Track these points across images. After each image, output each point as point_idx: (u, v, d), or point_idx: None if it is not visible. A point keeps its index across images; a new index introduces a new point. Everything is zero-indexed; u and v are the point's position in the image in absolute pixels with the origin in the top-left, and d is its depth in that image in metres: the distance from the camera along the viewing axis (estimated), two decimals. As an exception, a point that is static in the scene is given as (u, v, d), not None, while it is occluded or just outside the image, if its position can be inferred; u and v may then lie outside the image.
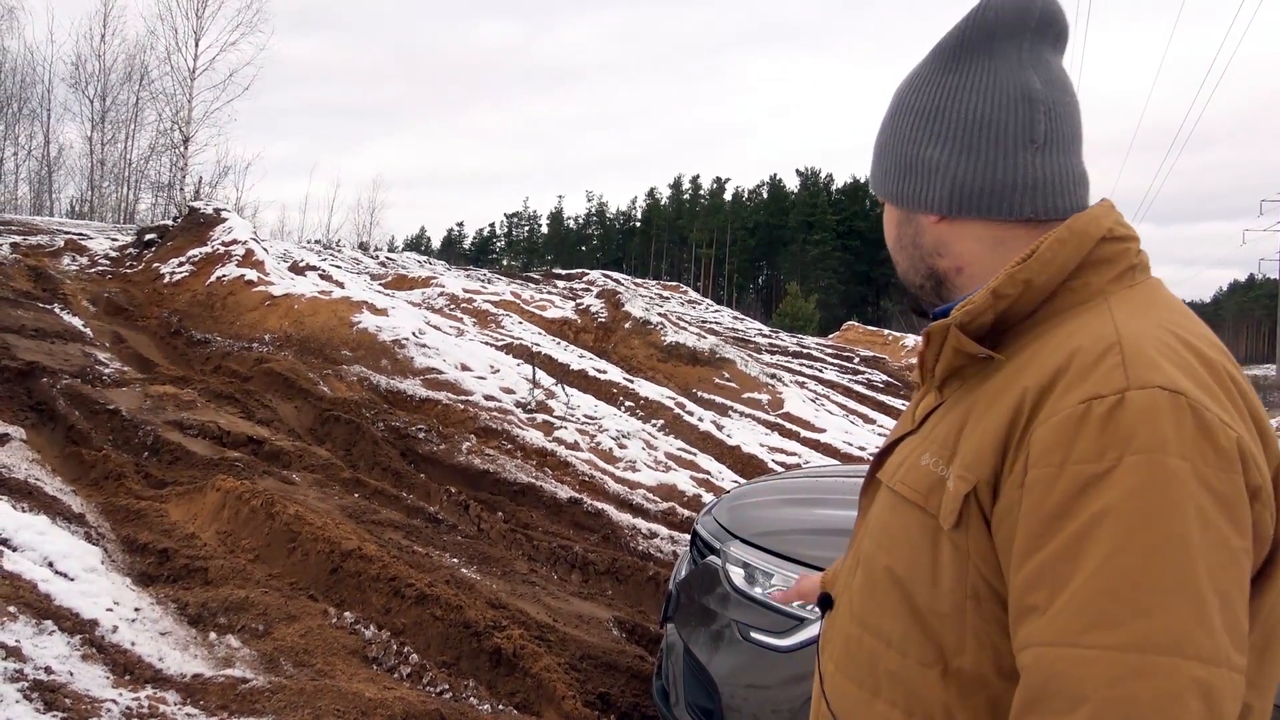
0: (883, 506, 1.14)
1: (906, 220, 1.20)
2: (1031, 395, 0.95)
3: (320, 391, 8.94)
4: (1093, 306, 1.01)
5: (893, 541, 1.09)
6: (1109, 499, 0.87)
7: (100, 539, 4.98)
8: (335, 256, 24.84)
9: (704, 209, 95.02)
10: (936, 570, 1.01)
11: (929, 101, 1.14)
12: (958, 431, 1.03)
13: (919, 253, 1.19)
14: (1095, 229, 1.04)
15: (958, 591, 1.00)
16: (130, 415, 7.25)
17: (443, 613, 4.44)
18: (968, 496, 0.98)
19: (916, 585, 1.04)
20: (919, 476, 1.06)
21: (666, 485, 8.12)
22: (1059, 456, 0.90)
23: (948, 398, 1.10)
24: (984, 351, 1.03)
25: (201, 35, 28.79)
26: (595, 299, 17.42)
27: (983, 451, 0.98)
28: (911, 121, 1.15)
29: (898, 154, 1.17)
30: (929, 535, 1.03)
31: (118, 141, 33.03)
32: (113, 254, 14.83)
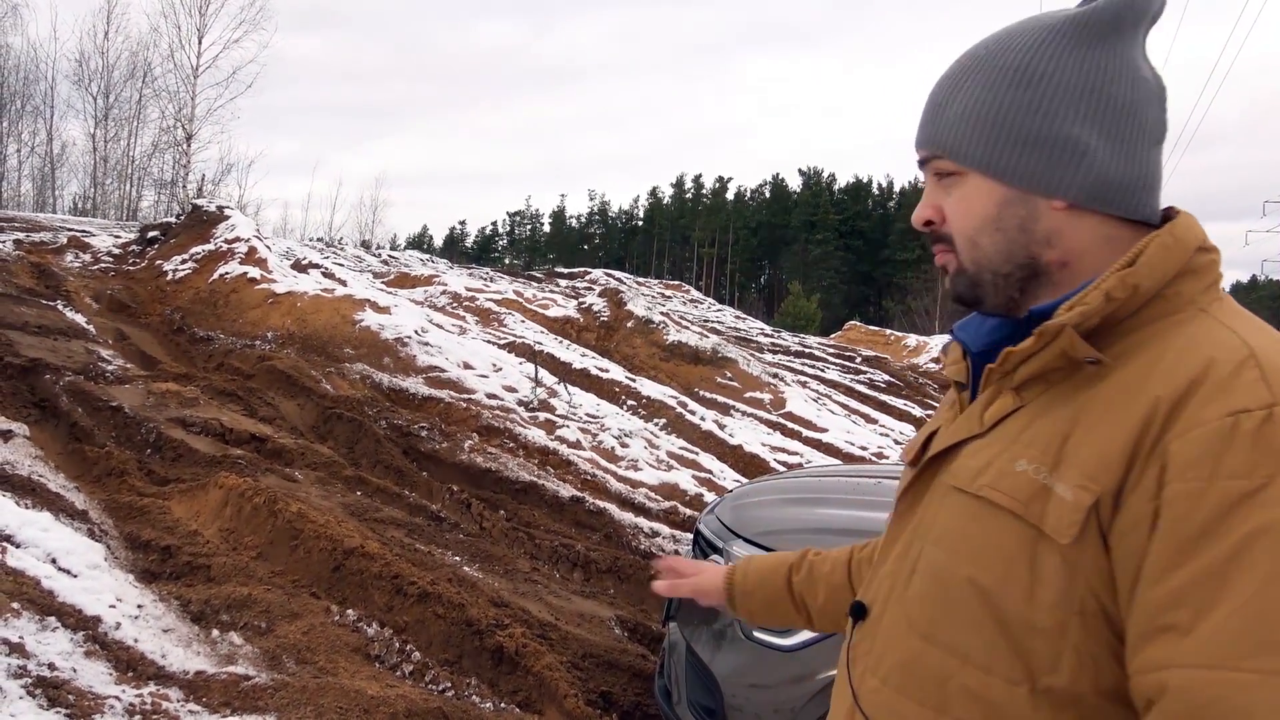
0: (957, 512, 1.05)
1: (1019, 200, 1.07)
2: (1165, 405, 0.91)
3: (323, 389, 8.94)
4: (1195, 317, 0.99)
5: (977, 551, 1.01)
6: (1265, 517, 0.83)
7: (103, 536, 4.99)
8: (338, 254, 24.85)
9: (706, 208, 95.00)
10: (1035, 583, 0.95)
11: (1078, 76, 1.04)
12: (1062, 438, 0.97)
13: (1024, 239, 1.07)
14: (1193, 238, 1.02)
15: (1062, 607, 0.94)
16: (133, 412, 7.25)
17: (445, 611, 4.45)
18: (1090, 509, 0.93)
19: (1008, 599, 0.97)
20: (1016, 483, 0.99)
21: (668, 484, 8.13)
22: (1206, 471, 0.86)
23: (1029, 401, 1.04)
24: (1096, 355, 0.98)
25: (205, 33, 28.85)
26: (597, 298, 17.43)
27: (1108, 461, 0.93)
28: (1052, 94, 1.04)
29: (1025, 126, 1.05)
30: (1026, 545, 0.97)
31: (121, 139, 33.09)
32: (116, 251, 14.84)
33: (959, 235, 1.11)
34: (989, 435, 1.07)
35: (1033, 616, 0.95)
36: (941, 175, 1.12)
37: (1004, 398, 1.07)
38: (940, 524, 1.08)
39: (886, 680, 1.10)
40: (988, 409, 1.09)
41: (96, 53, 32.10)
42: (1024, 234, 1.07)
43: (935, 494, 1.11)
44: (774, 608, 1.56)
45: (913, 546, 1.11)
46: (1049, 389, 1.02)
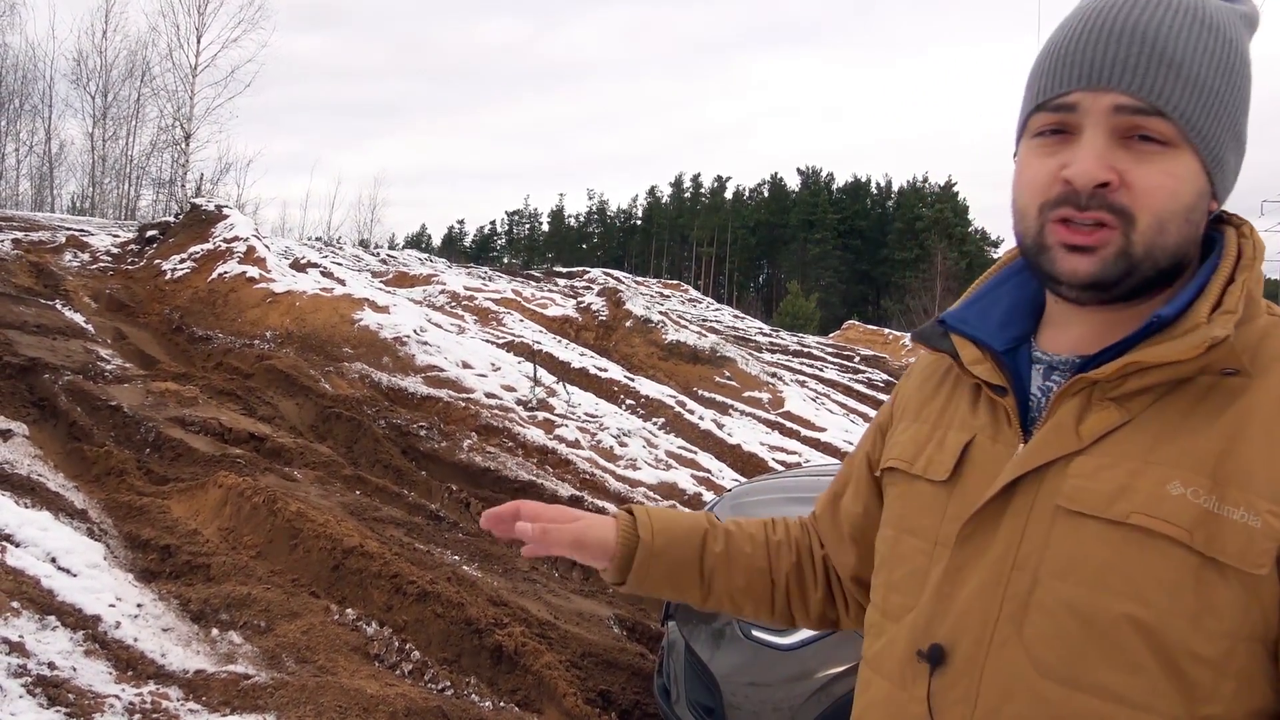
0: (1093, 542, 0.92)
1: (1207, 196, 0.96)
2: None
3: (322, 389, 8.95)
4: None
5: (1133, 585, 0.90)
6: None
7: (102, 535, 4.99)
8: (336, 254, 24.84)
9: (705, 207, 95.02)
10: (1203, 612, 0.87)
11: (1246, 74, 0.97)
12: (1215, 457, 0.88)
13: (1195, 236, 0.97)
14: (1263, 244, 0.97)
15: (1231, 635, 0.87)
16: (132, 412, 7.26)
17: (444, 610, 4.46)
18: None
19: (1172, 629, 0.88)
20: (1176, 509, 0.88)
21: (667, 484, 8.14)
22: None
23: (1136, 414, 0.94)
24: (1241, 365, 0.90)
25: (203, 32, 28.84)
26: (596, 297, 17.44)
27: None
28: (1247, 92, 0.97)
29: (1239, 122, 0.97)
30: (1190, 573, 0.87)
31: (119, 138, 33.07)
32: (114, 250, 14.83)
33: (1148, 213, 0.93)
34: (1091, 452, 0.95)
35: (1198, 647, 0.87)
36: (1140, 137, 0.93)
37: (1103, 410, 0.95)
38: (1064, 554, 0.94)
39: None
40: (1081, 422, 0.96)
41: (95, 52, 32.10)
42: (1197, 231, 0.97)
43: (1037, 518, 0.96)
44: (675, 578, 1.31)
45: (1013, 579, 0.96)
46: (1156, 400, 0.93)
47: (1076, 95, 0.94)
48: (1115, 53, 0.92)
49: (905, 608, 1.06)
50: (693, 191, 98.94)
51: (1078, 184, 0.92)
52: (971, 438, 1.05)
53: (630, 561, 1.29)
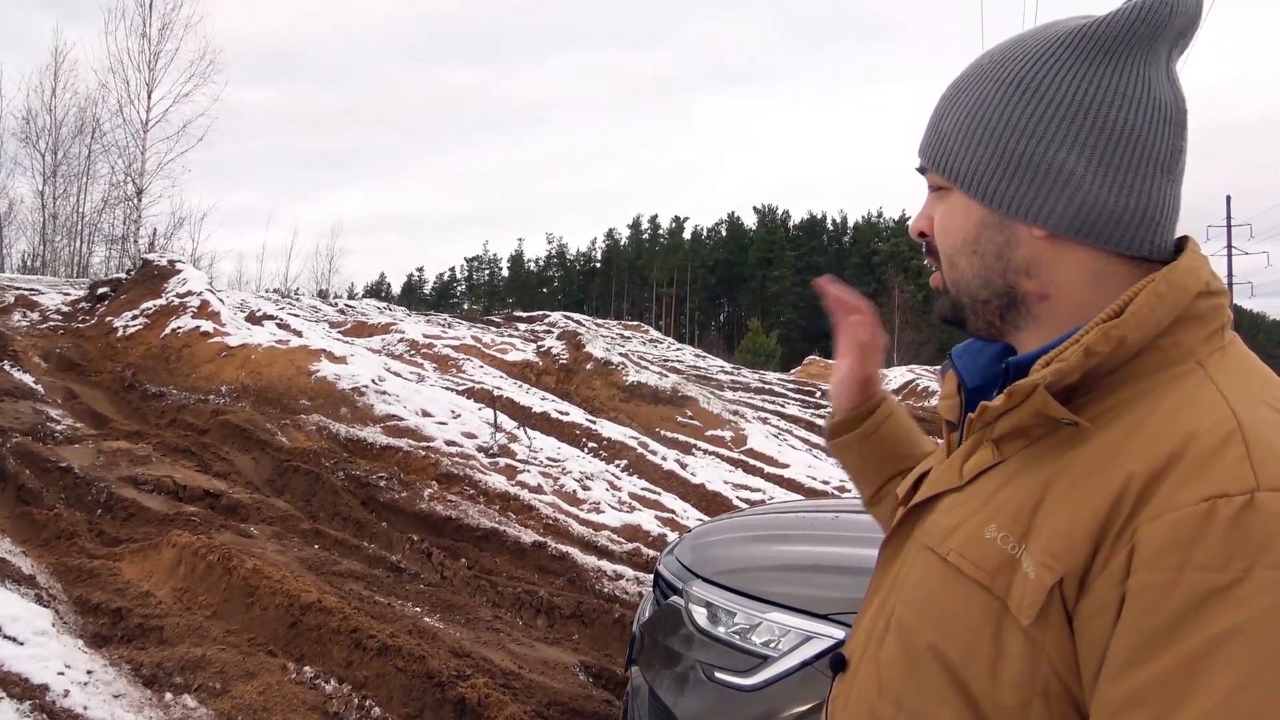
0: (927, 574, 0.98)
1: (997, 225, 0.98)
2: (1138, 482, 0.83)
3: (278, 442, 8.83)
4: (1189, 374, 0.89)
5: (943, 619, 0.94)
6: (1238, 617, 0.75)
7: (51, 601, 4.86)
8: (293, 305, 24.65)
9: (663, 248, 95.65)
10: (999, 660, 0.88)
11: (1070, 94, 0.94)
12: (1033, 506, 0.90)
13: (1001, 266, 0.99)
14: (1194, 283, 0.92)
15: (1025, 687, 0.87)
16: (83, 472, 7.12)
17: (405, 664, 4.37)
18: (1052, 589, 0.85)
19: (973, 673, 0.90)
20: (983, 551, 0.91)
21: (631, 526, 8.09)
22: (1176, 561, 0.78)
23: (1008, 456, 0.96)
24: (1070, 418, 0.89)
25: (154, 87, 28.60)
26: (556, 341, 17.42)
27: (1074, 539, 0.85)
28: (1041, 112, 0.95)
29: (1013, 147, 0.96)
30: (992, 619, 0.89)
31: (70, 195, 32.67)
32: (65, 309, 14.62)
33: (941, 252, 1.03)
34: (966, 490, 0.99)
35: (997, 694, 0.88)
36: (933, 188, 1.05)
37: (984, 450, 0.99)
38: (911, 583, 1.00)
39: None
40: (968, 460, 1.00)
41: (44, 110, 31.75)
42: (1000, 261, 0.99)
43: (911, 548, 1.04)
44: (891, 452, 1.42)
45: (888, 601, 1.04)
46: (1030, 444, 0.94)
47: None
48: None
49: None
50: (651, 232, 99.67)
51: (912, 237, 1.10)
52: (929, 469, 1.11)
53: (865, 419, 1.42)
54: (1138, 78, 0.94)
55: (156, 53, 28.50)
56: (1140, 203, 0.94)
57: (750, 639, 3.10)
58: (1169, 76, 0.96)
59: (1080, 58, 0.94)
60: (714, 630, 3.22)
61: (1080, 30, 0.95)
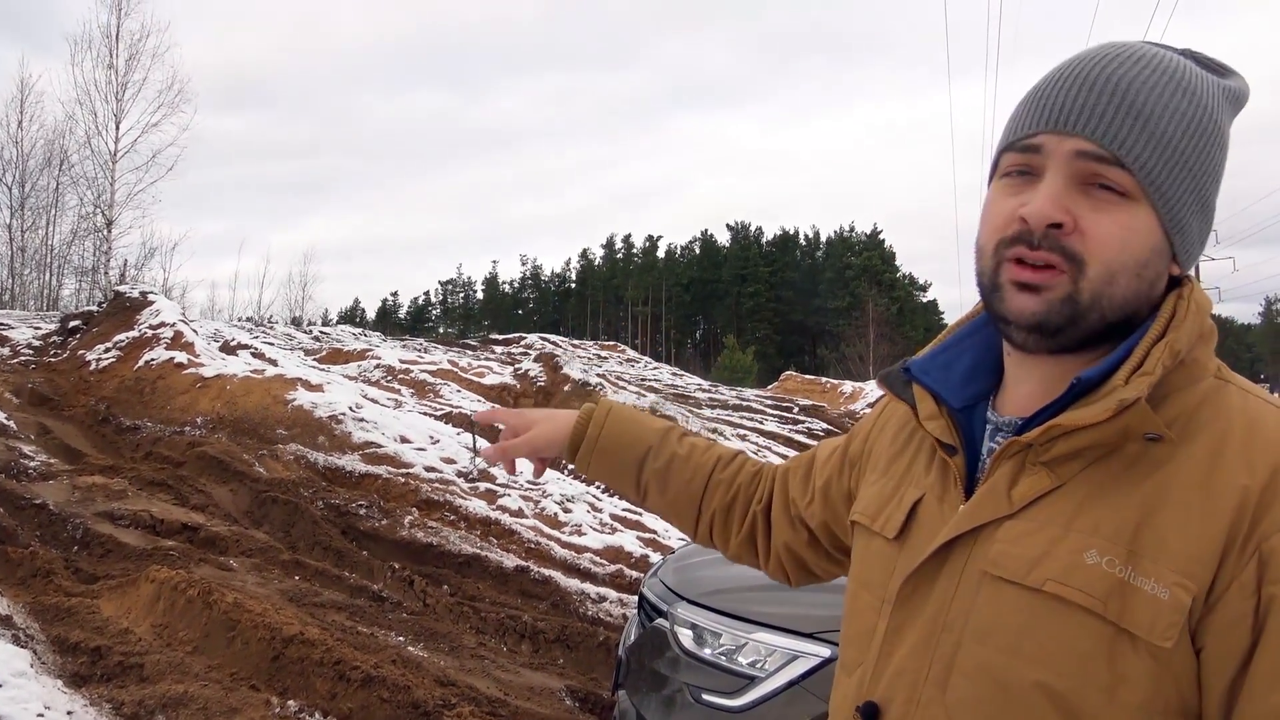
0: (1012, 607, 0.92)
1: (1163, 255, 0.95)
2: (1255, 495, 0.84)
3: (256, 473, 8.77)
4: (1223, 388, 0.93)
5: (1046, 652, 0.89)
6: None
7: (29, 641, 4.80)
8: (268, 334, 24.52)
9: (638, 267, 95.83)
10: (1117, 683, 0.86)
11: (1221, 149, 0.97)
12: (1133, 527, 0.88)
13: (1148, 294, 0.95)
14: (1208, 304, 0.95)
15: (1146, 707, 0.86)
16: (58, 509, 7.04)
17: (390, 694, 4.35)
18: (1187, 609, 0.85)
19: (1087, 700, 0.87)
20: (1090, 578, 0.88)
21: (613, 547, 8.07)
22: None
23: (1066, 479, 0.93)
24: (1164, 431, 0.88)
25: (122, 118, 28.42)
26: (533, 363, 17.42)
27: (1201, 556, 0.84)
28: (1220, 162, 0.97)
29: (1206, 192, 0.96)
30: (1104, 644, 0.87)
31: (39, 228, 32.37)
32: (36, 343, 14.48)
33: (1098, 262, 0.92)
34: (1021, 516, 0.95)
35: (1110, 717, 0.87)
36: (1101, 185, 0.93)
37: (1034, 475, 0.95)
38: (985, 618, 0.94)
39: None
40: (1014, 486, 0.96)
41: (10, 143, 31.50)
42: (1151, 290, 0.96)
43: (966, 581, 0.97)
44: (613, 476, 1.50)
45: (942, 641, 0.97)
46: (1087, 466, 0.93)
47: (1042, 137, 0.94)
48: (1084, 99, 0.93)
49: (856, 662, 1.07)
50: (625, 252, 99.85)
51: (1031, 223, 0.92)
52: (921, 496, 1.06)
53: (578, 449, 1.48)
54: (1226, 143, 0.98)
55: (124, 83, 28.37)
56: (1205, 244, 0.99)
57: (736, 659, 3.10)
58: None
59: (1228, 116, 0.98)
60: (700, 652, 3.22)
61: (1229, 89, 0.98)
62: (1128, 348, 0.92)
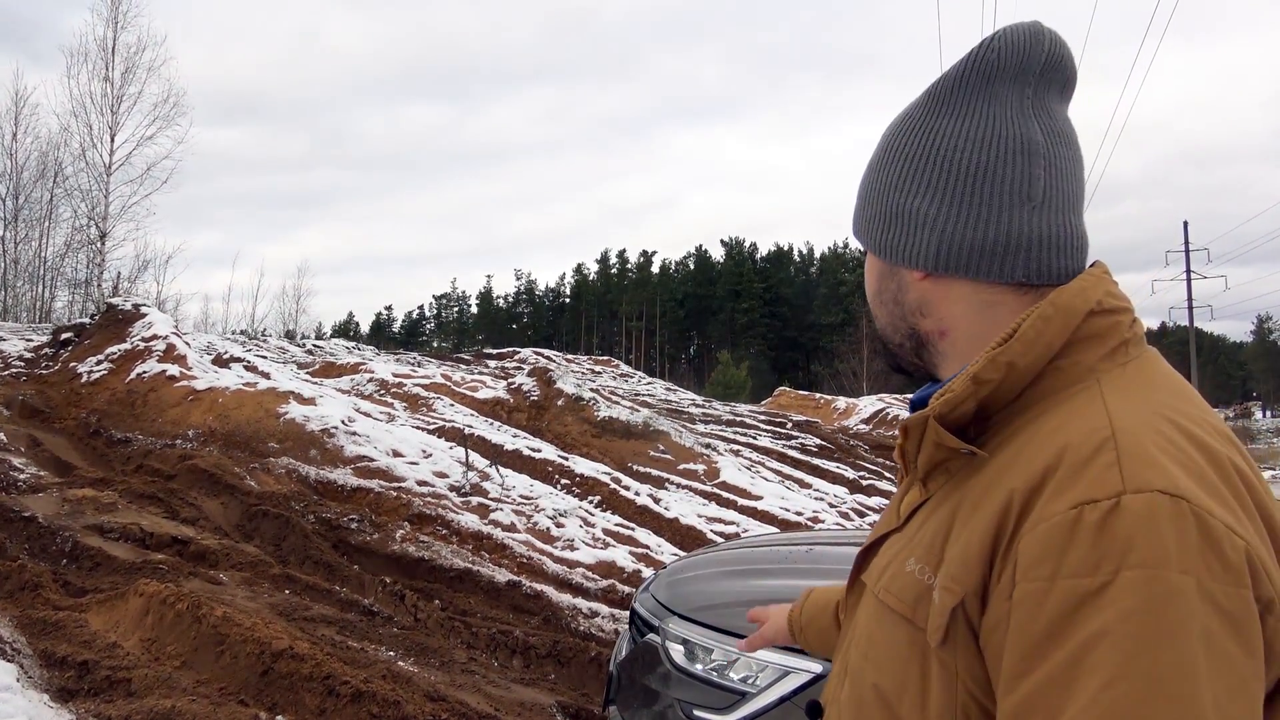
0: (869, 615, 1.02)
1: (889, 274, 1.08)
2: (1019, 497, 0.86)
3: (247, 486, 8.73)
4: (1084, 390, 0.92)
5: (880, 656, 0.97)
6: (1105, 619, 0.77)
7: (16, 655, 4.76)
8: (261, 347, 24.47)
9: (632, 282, 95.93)
10: (925, 689, 0.91)
11: (918, 146, 1.03)
12: (944, 535, 0.93)
13: (900, 310, 1.08)
14: (1082, 303, 0.95)
15: (946, 714, 0.89)
16: (47, 521, 7.00)
17: (379, 709, 4.32)
18: (954, 610, 0.88)
19: (905, 706, 0.93)
20: (905, 585, 0.95)
21: (606, 562, 8.05)
22: (1049, 569, 0.81)
23: (934, 493, 0.99)
24: (965, 447, 0.93)
25: (117, 130, 28.43)
26: (527, 377, 17.38)
27: (969, 560, 0.87)
28: (899, 167, 1.04)
29: (882, 201, 1.06)
30: (918, 651, 0.92)
31: (32, 240, 32.29)
32: (27, 355, 14.44)
33: (870, 307, 1.15)
34: (903, 529, 1.02)
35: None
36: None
37: (915, 489, 1.03)
38: (859, 627, 1.05)
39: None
40: (903, 500, 1.05)
41: (5, 154, 31.47)
42: (899, 305, 1.08)
43: (862, 592, 1.07)
44: (825, 637, 1.54)
45: (847, 648, 1.08)
46: (950, 478, 0.97)
47: None
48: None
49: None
50: (619, 267, 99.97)
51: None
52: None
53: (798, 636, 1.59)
54: (980, 119, 1.00)
55: (119, 96, 28.39)
56: (999, 232, 0.98)
57: (728, 675, 3.08)
58: (1028, 111, 1.00)
59: (928, 113, 1.04)
60: (691, 667, 3.21)
61: (927, 90, 1.05)
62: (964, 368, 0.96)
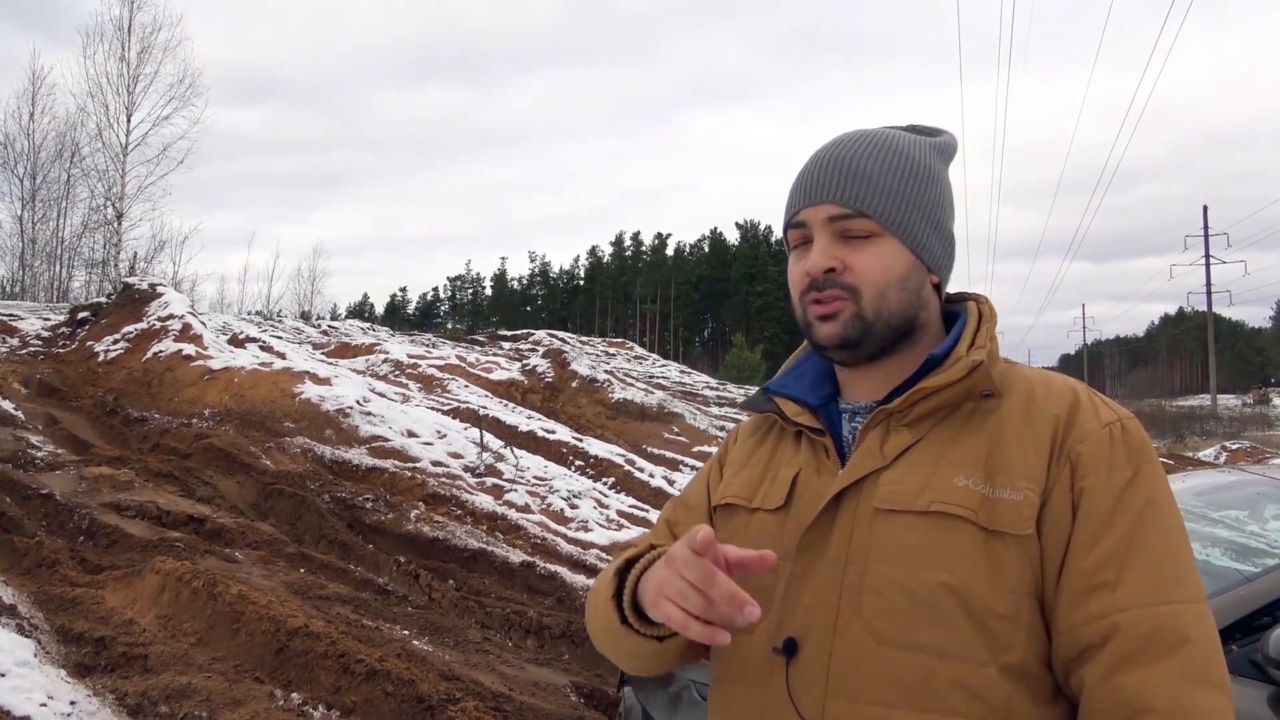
0: (907, 530, 1.18)
1: (919, 269, 1.28)
2: (1063, 420, 1.18)
3: (263, 465, 8.76)
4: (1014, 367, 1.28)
5: (940, 558, 1.15)
6: (1146, 493, 1.14)
7: (33, 630, 4.79)
8: (276, 327, 24.55)
9: (647, 265, 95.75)
10: (994, 574, 1.13)
11: (945, 187, 1.33)
12: (985, 457, 1.18)
13: (916, 301, 1.28)
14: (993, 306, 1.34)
15: (1019, 591, 1.13)
16: (64, 499, 7.04)
17: (394, 688, 4.32)
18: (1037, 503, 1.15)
19: (974, 592, 1.13)
20: (962, 495, 1.16)
21: (620, 544, 8.04)
22: (1105, 465, 1.15)
23: (925, 434, 1.22)
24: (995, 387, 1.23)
25: (134, 110, 28.56)
26: (541, 359, 17.39)
27: (1036, 467, 1.16)
28: (944, 194, 1.32)
29: (934, 214, 1.30)
30: (981, 544, 1.14)
31: (49, 220, 32.42)
32: (45, 334, 14.51)
33: (869, 285, 1.25)
34: (894, 466, 1.22)
35: (994, 604, 1.12)
36: (851, 235, 1.26)
37: (899, 433, 1.24)
38: (886, 545, 1.18)
39: (858, 697, 1.15)
40: (885, 444, 1.24)
41: (22, 135, 31.54)
42: (916, 297, 1.28)
43: (861, 522, 1.20)
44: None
45: (848, 573, 1.19)
46: (938, 423, 1.23)
47: (804, 213, 1.28)
48: (824, 177, 1.28)
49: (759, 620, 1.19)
50: (634, 249, 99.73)
51: (813, 274, 1.26)
52: (797, 471, 1.30)
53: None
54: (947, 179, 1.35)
55: (136, 76, 28.51)
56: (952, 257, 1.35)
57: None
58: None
59: (944, 162, 1.35)
60: (707, 649, 3.19)
61: (940, 145, 1.35)
62: (955, 336, 1.26)
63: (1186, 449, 29.51)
